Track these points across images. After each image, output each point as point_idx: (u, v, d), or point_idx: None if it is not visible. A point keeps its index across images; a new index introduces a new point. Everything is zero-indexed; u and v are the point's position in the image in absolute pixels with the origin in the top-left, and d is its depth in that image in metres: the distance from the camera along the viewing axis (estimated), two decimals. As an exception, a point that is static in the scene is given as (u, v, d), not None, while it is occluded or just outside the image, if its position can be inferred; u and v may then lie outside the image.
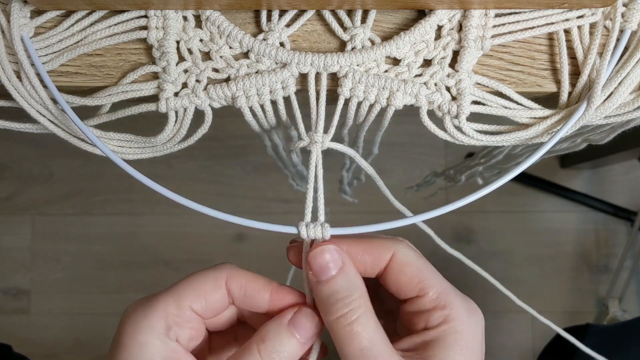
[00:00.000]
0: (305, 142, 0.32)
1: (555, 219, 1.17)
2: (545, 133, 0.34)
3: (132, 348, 0.29)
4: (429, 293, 0.30)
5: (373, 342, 0.28)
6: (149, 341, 0.29)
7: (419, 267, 0.30)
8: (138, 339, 0.29)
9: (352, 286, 0.29)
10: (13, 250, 1.15)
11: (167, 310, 0.29)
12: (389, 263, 0.30)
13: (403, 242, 0.31)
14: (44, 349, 1.13)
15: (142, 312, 0.29)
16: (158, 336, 0.29)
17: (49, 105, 0.33)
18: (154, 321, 0.29)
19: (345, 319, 0.28)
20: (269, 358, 0.29)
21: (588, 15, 0.33)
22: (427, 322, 0.30)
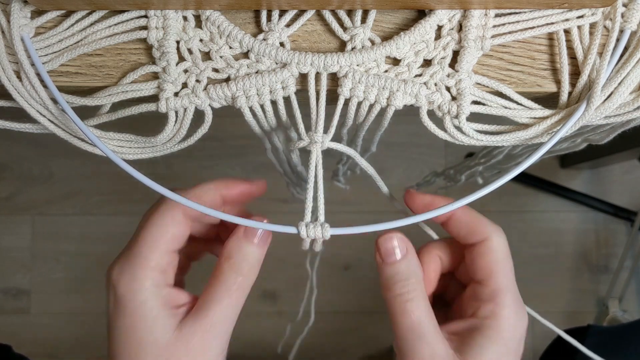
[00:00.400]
0: (305, 142, 0.32)
1: (555, 219, 1.17)
2: (545, 133, 0.34)
3: (134, 307, 0.32)
4: (492, 285, 0.32)
5: (422, 319, 0.32)
6: (146, 296, 0.32)
7: (499, 259, 0.33)
8: (137, 299, 0.32)
9: (412, 272, 0.33)
10: (13, 250, 1.15)
11: (149, 266, 0.32)
12: (480, 243, 0.33)
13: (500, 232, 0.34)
14: (44, 349, 1.13)
15: (131, 274, 0.32)
16: (152, 291, 0.32)
17: (49, 105, 0.33)
18: (144, 281, 0.32)
19: (402, 297, 0.32)
20: (240, 269, 0.33)
21: (588, 15, 0.33)
22: (477, 310, 0.33)
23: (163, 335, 0.32)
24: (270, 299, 1.13)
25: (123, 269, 0.32)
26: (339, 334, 1.13)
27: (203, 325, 0.32)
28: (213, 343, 0.32)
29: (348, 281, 1.13)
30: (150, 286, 0.32)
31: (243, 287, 0.33)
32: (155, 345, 0.32)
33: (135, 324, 0.32)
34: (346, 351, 1.13)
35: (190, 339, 0.32)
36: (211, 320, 0.32)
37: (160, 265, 0.33)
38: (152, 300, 0.32)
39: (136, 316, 0.32)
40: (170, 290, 0.33)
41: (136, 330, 0.32)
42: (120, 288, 0.32)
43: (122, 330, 0.32)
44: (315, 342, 1.12)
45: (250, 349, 1.11)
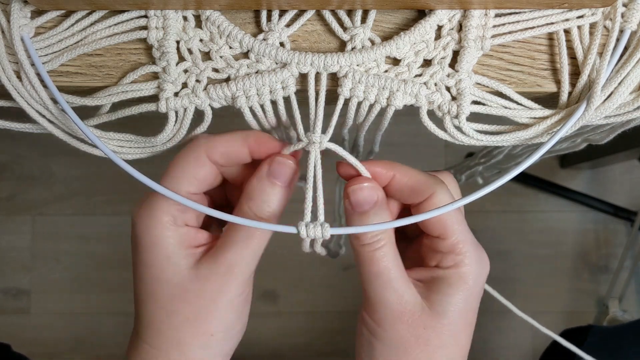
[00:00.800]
0: (303, 143, 0.32)
1: (555, 219, 1.17)
2: (545, 133, 0.34)
3: (150, 243, 0.32)
4: (449, 238, 0.33)
5: (390, 267, 0.32)
6: (162, 233, 0.32)
7: (449, 214, 0.32)
8: (153, 234, 0.32)
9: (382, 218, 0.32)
10: (13, 250, 1.15)
11: (169, 203, 0.32)
12: (424, 201, 0.33)
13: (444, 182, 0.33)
14: (44, 349, 1.13)
15: (149, 211, 0.32)
16: (168, 227, 0.32)
17: (49, 105, 0.33)
18: (161, 217, 0.32)
19: (370, 247, 0.32)
20: (261, 211, 0.32)
21: (588, 15, 0.33)
22: (440, 261, 0.33)
23: (177, 275, 0.32)
24: (270, 299, 1.13)
25: (142, 206, 0.32)
26: (338, 334, 1.13)
27: (220, 268, 0.32)
28: (229, 286, 0.32)
29: (348, 281, 1.13)
30: (166, 223, 0.32)
31: (264, 231, 0.32)
32: (169, 283, 0.32)
33: (151, 261, 0.32)
34: (346, 351, 1.13)
35: (206, 281, 0.32)
36: (228, 263, 0.32)
37: (179, 206, 0.32)
38: (168, 238, 0.31)
39: (151, 253, 0.32)
40: (189, 229, 0.32)
41: (151, 267, 0.32)
42: (138, 225, 0.32)
43: (139, 267, 0.32)
44: (315, 342, 1.12)
45: (250, 349, 1.11)
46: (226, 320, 0.32)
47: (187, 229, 0.32)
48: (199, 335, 0.32)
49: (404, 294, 0.32)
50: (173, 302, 0.32)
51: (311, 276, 1.13)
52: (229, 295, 0.32)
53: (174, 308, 0.32)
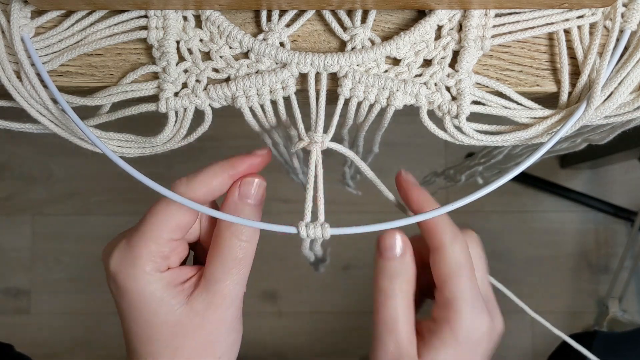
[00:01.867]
0: (305, 142, 0.32)
1: (555, 219, 1.17)
2: (545, 133, 0.34)
3: (137, 292, 0.32)
4: (443, 292, 0.34)
5: (398, 318, 0.33)
6: (148, 281, 0.32)
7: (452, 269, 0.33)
8: (139, 284, 0.32)
9: (403, 271, 0.34)
10: (13, 250, 1.15)
11: (150, 253, 0.32)
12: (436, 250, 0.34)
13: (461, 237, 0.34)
14: (44, 349, 1.13)
15: (131, 261, 0.32)
16: (153, 274, 0.32)
17: (49, 105, 0.33)
18: (144, 266, 0.32)
19: (386, 293, 0.34)
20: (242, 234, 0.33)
21: (588, 15, 0.33)
22: (435, 314, 0.34)
23: (172, 314, 0.32)
24: (270, 299, 1.13)
25: (123, 255, 0.32)
26: (339, 334, 1.13)
27: (216, 299, 0.32)
28: (228, 313, 0.33)
29: (348, 281, 1.13)
30: (150, 270, 0.32)
31: (248, 252, 0.33)
32: (166, 323, 0.32)
33: (141, 308, 0.32)
34: (346, 351, 1.13)
35: (204, 314, 0.32)
36: (222, 293, 0.32)
37: (162, 252, 0.32)
38: (154, 283, 0.32)
39: (140, 301, 0.32)
40: (173, 271, 0.33)
41: (143, 313, 0.32)
42: (120, 276, 0.32)
43: (130, 317, 0.33)
44: (315, 342, 1.12)
45: (250, 349, 1.11)
46: (229, 342, 0.34)
47: (170, 272, 0.33)
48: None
49: (402, 347, 0.33)
50: (175, 339, 0.32)
51: (311, 276, 1.13)
52: (228, 321, 0.33)
53: (179, 344, 0.32)
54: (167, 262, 0.33)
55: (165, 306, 0.32)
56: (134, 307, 0.32)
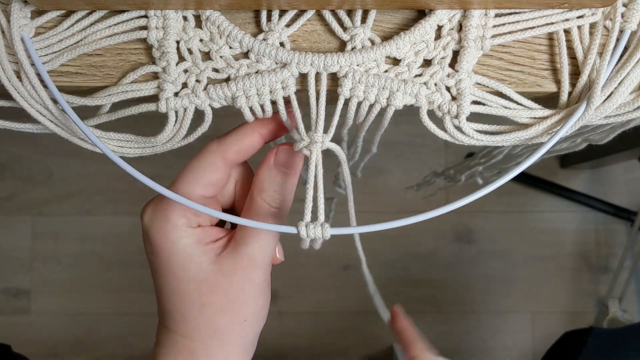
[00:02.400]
0: (305, 142, 0.32)
1: (555, 219, 1.17)
2: (545, 133, 0.34)
3: (168, 246, 0.33)
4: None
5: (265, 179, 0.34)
6: (179, 235, 0.33)
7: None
8: (170, 238, 0.33)
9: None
10: (13, 250, 1.15)
11: (182, 208, 0.33)
12: None
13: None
14: (44, 349, 1.13)
15: (163, 216, 0.33)
16: (184, 229, 0.33)
17: (49, 105, 0.33)
18: (176, 220, 0.33)
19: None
20: (273, 200, 0.34)
21: (588, 15, 0.33)
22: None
23: (200, 271, 0.33)
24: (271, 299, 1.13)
25: (155, 210, 0.33)
26: (339, 334, 1.13)
27: (243, 261, 0.33)
28: (253, 276, 0.33)
29: (348, 281, 1.13)
30: (181, 225, 0.33)
31: (279, 218, 0.34)
32: (195, 280, 0.33)
33: (172, 263, 0.33)
34: (346, 351, 1.13)
35: (231, 274, 0.33)
36: (250, 255, 0.33)
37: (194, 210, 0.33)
38: (185, 239, 0.33)
39: (171, 255, 0.33)
40: (204, 229, 0.34)
41: (173, 268, 0.33)
42: (152, 229, 0.33)
43: (160, 269, 0.33)
44: (315, 342, 1.12)
45: (250, 349, 1.11)
46: (255, 306, 0.34)
47: (201, 229, 0.33)
48: (234, 323, 0.34)
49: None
50: (202, 296, 0.33)
51: (311, 276, 1.13)
52: (254, 283, 0.34)
53: (205, 301, 0.33)
54: (198, 219, 0.33)
55: (194, 262, 0.33)
56: (165, 262, 0.33)
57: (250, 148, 0.34)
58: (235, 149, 0.34)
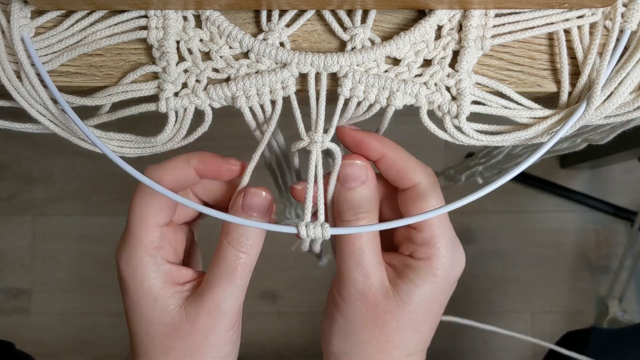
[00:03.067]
0: (305, 142, 0.32)
1: (555, 219, 1.17)
2: (545, 133, 0.34)
3: (136, 286, 0.33)
4: (425, 231, 0.33)
5: (364, 247, 0.33)
6: (146, 275, 0.33)
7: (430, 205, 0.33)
8: (138, 277, 0.33)
9: (365, 201, 0.33)
10: (13, 250, 1.15)
11: (142, 245, 0.33)
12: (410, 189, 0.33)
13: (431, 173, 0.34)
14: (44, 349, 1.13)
15: (129, 255, 0.33)
16: (150, 268, 0.33)
17: (49, 105, 0.33)
18: (141, 258, 0.33)
19: (350, 224, 0.33)
20: (241, 245, 0.32)
21: (588, 15, 0.33)
22: (413, 251, 0.33)
23: (167, 313, 0.32)
24: (270, 299, 1.13)
25: (121, 250, 0.33)
26: (339, 334, 1.13)
27: (206, 306, 0.32)
28: (217, 324, 0.32)
29: (348, 281, 1.13)
30: (147, 263, 0.32)
31: (246, 264, 0.33)
32: (161, 322, 0.32)
33: (140, 302, 0.33)
34: (346, 351, 1.13)
35: (195, 320, 0.32)
36: (215, 301, 0.32)
37: (154, 241, 0.33)
38: (152, 279, 0.32)
39: (139, 295, 0.33)
40: (171, 267, 0.33)
41: (141, 308, 0.33)
42: (122, 270, 0.33)
43: (130, 309, 0.33)
44: (315, 342, 1.12)
45: (250, 349, 1.11)
46: (219, 354, 0.33)
47: (169, 267, 0.33)
48: None
49: (371, 276, 0.33)
50: (167, 340, 0.33)
51: (311, 276, 1.13)
52: (219, 332, 0.33)
53: (170, 345, 0.33)
54: (163, 254, 0.33)
55: (160, 305, 0.32)
56: (134, 301, 0.33)
57: (184, 180, 0.34)
58: (170, 178, 0.33)
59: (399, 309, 0.33)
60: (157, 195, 0.33)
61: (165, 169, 0.33)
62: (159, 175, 0.33)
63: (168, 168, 0.33)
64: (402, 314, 0.33)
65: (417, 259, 0.33)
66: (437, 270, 0.33)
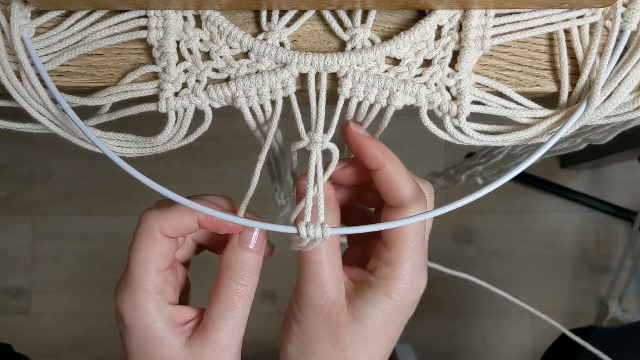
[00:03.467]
0: (305, 142, 0.32)
1: (555, 219, 1.17)
2: (545, 133, 0.34)
3: (140, 331, 0.33)
4: (393, 251, 0.33)
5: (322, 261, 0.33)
6: (151, 321, 0.33)
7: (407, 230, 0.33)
8: (142, 324, 0.33)
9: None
10: (13, 250, 1.15)
11: (147, 290, 0.33)
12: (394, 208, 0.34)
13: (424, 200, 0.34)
14: (44, 349, 1.13)
15: (132, 302, 0.33)
16: (155, 314, 0.33)
17: (49, 105, 0.33)
18: (145, 305, 0.33)
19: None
20: (240, 278, 0.34)
21: (588, 15, 0.33)
22: (376, 269, 0.34)
23: (172, 353, 0.33)
24: (270, 299, 1.13)
25: (124, 296, 0.33)
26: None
27: (211, 342, 0.33)
28: (223, 356, 0.33)
29: (348, 281, 1.13)
30: (151, 309, 0.33)
31: (245, 296, 0.34)
32: None
33: (145, 347, 0.33)
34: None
35: (200, 357, 0.33)
36: (218, 336, 0.33)
37: (156, 287, 0.33)
38: (157, 323, 0.33)
39: (144, 339, 0.33)
40: (174, 309, 0.34)
41: (146, 351, 0.33)
42: (125, 315, 0.33)
43: (134, 352, 0.33)
44: (315, 342, 1.12)
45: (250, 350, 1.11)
46: None
47: (171, 309, 0.34)
48: None
49: (327, 291, 0.33)
50: None
51: (311, 276, 1.13)
52: None
53: None
54: (165, 297, 0.34)
55: (166, 345, 0.33)
56: (138, 345, 0.33)
57: (186, 228, 0.34)
58: (172, 225, 0.33)
59: (352, 325, 0.33)
60: (159, 241, 0.33)
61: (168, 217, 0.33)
62: (162, 222, 0.33)
63: (171, 216, 0.33)
64: (355, 330, 0.33)
65: (377, 277, 0.33)
66: (393, 292, 0.33)
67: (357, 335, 0.33)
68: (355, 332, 0.33)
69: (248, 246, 0.34)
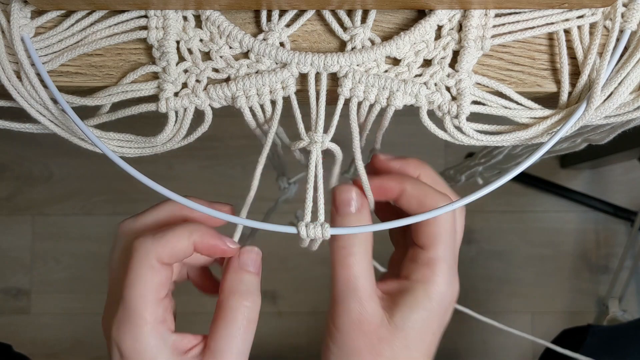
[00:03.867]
0: (305, 142, 0.32)
1: (555, 219, 1.17)
2: (545, 133, 0.34)
3: None
4: (430, 251, 0.33)
5: (359, 275, 0.33)
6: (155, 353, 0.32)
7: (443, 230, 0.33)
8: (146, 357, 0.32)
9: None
10: (13, 250, 1.15)
11: (149, 322, 0.32)
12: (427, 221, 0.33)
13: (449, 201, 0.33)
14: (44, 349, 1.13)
15: (132, 336, 0.32)
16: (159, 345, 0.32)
17: (49, 105, 0.33)
18: (147, 339, 0.32)
19: (345, 250, 0.33)
20: (247, 301, 0.33)
21: (588, 15, 0.33)
22: (411, 273, 0.34)
23: None
24: (270, 299, 1.13)
25: (123, 332, 0.32)
26: (339, 334, 1.13)
27: None
28: None
29: (348, 281, 1.13)
30: (156, 341, 0.32)
31: (251, 317, 0.33)
32: None
33: None
34: (346, 351, 1.13)
35: None
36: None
37: (157, 317, 0.32)
38: (162, 353, 0.32)
39: None
40: (176, 337, 0.33)
41: None
42: (125, 349, 0.32)
43: None
44: (315, 342, 1.12)
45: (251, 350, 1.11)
46: None
47: (174, 337, 0.33)
48: None
49: (366, 305, 0.33)
50: None
51: (311, 276, 1.13)
52: None
53: None
54: (167, 325, 0.33)
55: None
56: None
57: (182, 254, 0.33)
58: (169, 252, 0.32)
59: (392, 336, 0.33)
60: (158, 269, 0.32)
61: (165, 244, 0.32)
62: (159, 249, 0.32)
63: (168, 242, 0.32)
64: (396, 340, 0.33)
65: (414, 281, 0.33)
66: (432, 293, 0.33)
67: (398, 346, 0.33)
68: (396, 342, 0.33)
69: (249, 268, 0.34)
